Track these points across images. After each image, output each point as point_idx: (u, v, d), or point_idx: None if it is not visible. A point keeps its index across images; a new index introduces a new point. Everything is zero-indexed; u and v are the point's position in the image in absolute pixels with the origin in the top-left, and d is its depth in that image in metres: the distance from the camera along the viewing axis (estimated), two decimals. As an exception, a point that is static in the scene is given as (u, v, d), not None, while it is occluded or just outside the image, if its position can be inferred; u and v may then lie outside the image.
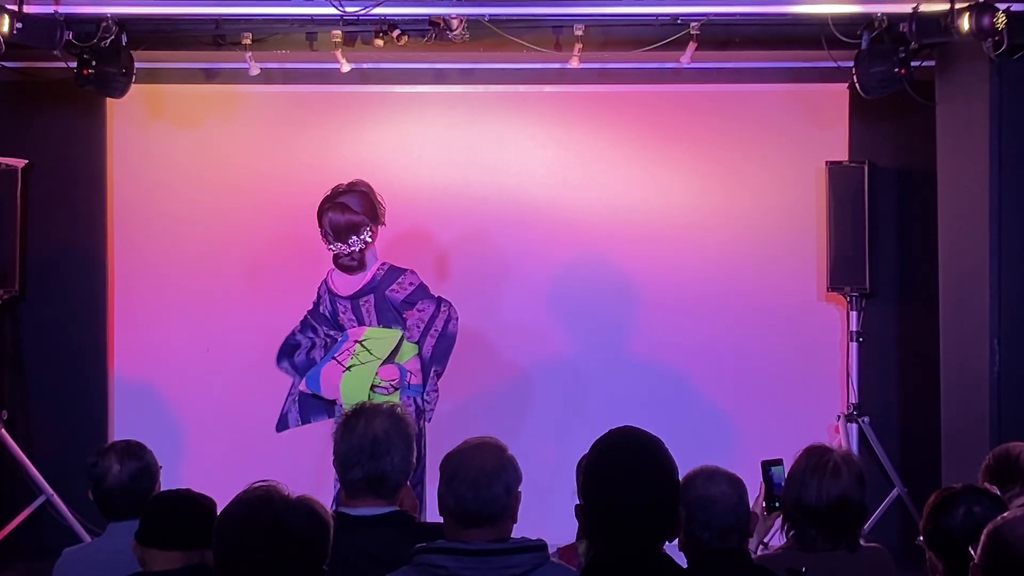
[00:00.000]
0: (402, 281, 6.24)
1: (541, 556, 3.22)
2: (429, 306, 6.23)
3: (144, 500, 4.05)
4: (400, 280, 6.24)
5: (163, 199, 7.79)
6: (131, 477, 4.08)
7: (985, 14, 5.80)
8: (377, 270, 6.25)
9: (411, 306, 6.22)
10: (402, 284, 6.23)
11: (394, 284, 6.23)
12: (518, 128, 7.85)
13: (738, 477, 3.69)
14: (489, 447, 3.31)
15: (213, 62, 7.49)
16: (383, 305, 6.23)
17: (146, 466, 4.13)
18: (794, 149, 7.77)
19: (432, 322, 6.22)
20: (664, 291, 7.77)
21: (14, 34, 5.99)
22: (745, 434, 7.48)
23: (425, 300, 6.24)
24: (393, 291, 6.22)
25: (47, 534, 7.26)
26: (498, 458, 3.27)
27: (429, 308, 6.23)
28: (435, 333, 6.22)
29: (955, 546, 3.27)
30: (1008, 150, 6.34)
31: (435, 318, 6.22)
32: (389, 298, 6.22)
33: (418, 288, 6.25)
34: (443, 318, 6.23)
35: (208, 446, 7.61)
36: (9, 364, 7.66)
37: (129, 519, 4.02)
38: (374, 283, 6.23)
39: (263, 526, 2.74)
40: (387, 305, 6.22)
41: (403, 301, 6.22)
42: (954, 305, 6.71)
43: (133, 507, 4.02)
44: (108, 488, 4.08)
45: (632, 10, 6.63)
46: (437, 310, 6.24)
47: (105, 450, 4.17)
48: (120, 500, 4.07)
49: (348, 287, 6.28)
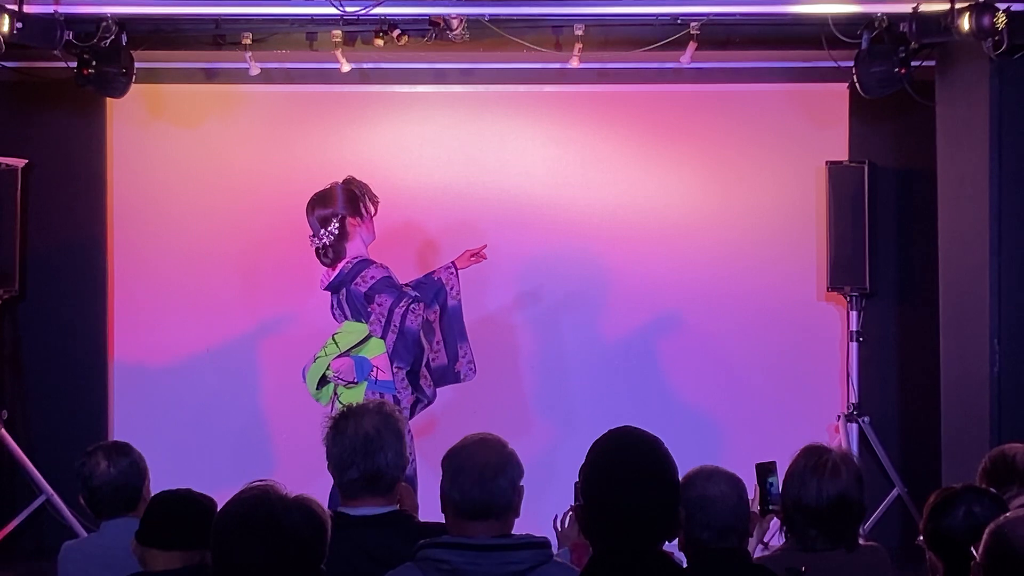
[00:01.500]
0: (365, 275, 6.17)
1: (544, 553, 3.24)
2: (387, 300, 6.12)
3: (134, 496, 4.11)
4: (364, 273, 6.17)
5: (163, 199, 7.79)
6: (120, 473, 4.13)
7: (985, 14, 5.79)
8: (345, 263, 6.21)
9: (372, 300, 6.16)
10: (364, 277, 6.17)
11: (357, 278, 6.18)
12: (518, 128, 7.85)
13: (738, 477, 3.69)
14: (491, 442, 3.34)
15: (213, 62, 7.49)
16: (349, 299, 6.21)
17: (134, 462, 4.18)
18: (794, 149, 7.77)
19: (391, 316, 6.12)
20: (664, 291, 7.77)
21: (14, 34, 5.99)
22: (745, 434, 7.47)
23: (383, 294, 6.13)
24: (357, 284, 6.18)
25: (47, 534, 7.26)
26: (501, 453, 3.31)
27: (387, 302, 6.12)
28: (395, 329, 6.13)
29: (955, 546, 3.27)
30: (1008, 150, 6.34)
31: (393, 312, 6.12)
32: (353, 292, 6.18)
33: (379, 281, 6.15)
34: (400, 312, 6.12)
35: (208, 446, 7.61)
36: (9, 364, 7.66)
37: (120, 516, 4.06)
38: (341, 276, 6.21)
39: (260, 526, 2.74)
40: (352, 299, 6.19)
41: (364, 295, 6.15)
42: (954, 305, 6.71)
43: (123, 503, 4.08)
44: (97, 486, 4.13)
45: (632, 10, 6.63)
46: (396, 304, 6.12)
47: (92, 451, 4.23)
48: (110, 497, 4.12)
49: (324, 281, 6.31)
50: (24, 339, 7.69)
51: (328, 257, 6.25)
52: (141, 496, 4.14)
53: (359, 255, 6.24)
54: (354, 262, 6.21)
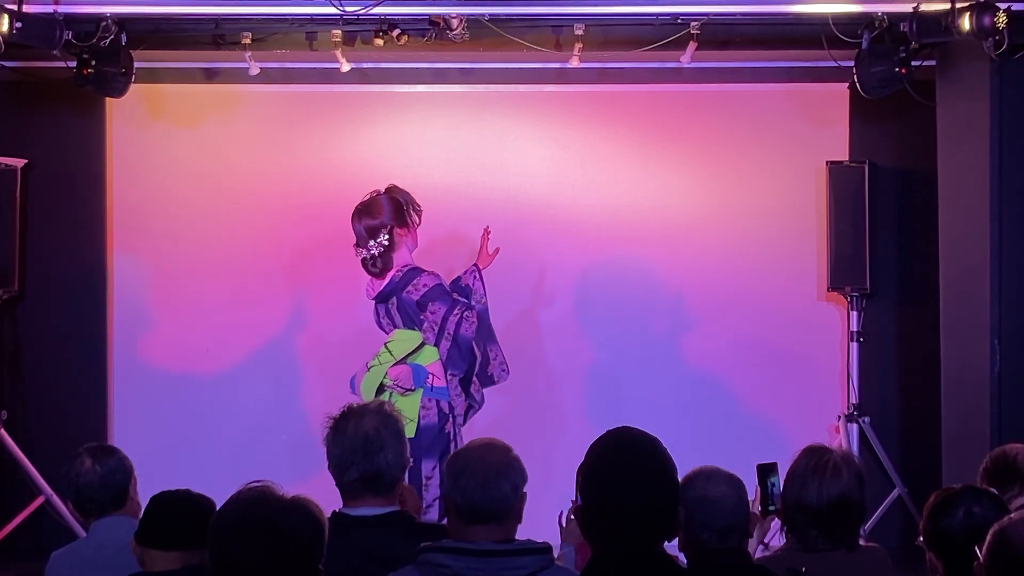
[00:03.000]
0: (417, 283, 6.25)
1: (546, 559, 3.22)
2: (441, 308, 6.23)
3: (120, 495, 4.13)
4: (415, 282, 6.25)
5: (163, 199, 7.79)
6: (106, 472, 4.17)
7: (986, 14, 5.79)
8: (396, 272, 6.28)
9: (424, 308, 6.23)
10: (416, 286, 6.25)
11: (409, 286, 6.25)
12: (518, 128, 7.85)
13: (738, 477, 3.69)
14: (495, 447, 3.32)
15: (213, 62, 7.49)
16: (402, 307, 6.27)
17: (119, 461, 4.23)
18: (794, 149, 7.77)
19: (444, 324, 6.23)
20: (664, 291, 7.77)
21: (14, 34, 5.99)
22: (745, 434, 7.47)
23: (437, 302, 6.23)
24: (408, 293, 6.25)
25: (47, 534, 7.25)
26: (505, 457, 3.29)
27: (441, 310, 6.23)
28: (449, 336, 6.23)
29: (955, 547, 3.27)
30: (1008, 150, 6.34)
31: (447, 320, 6.23)
32: (405, 300, 6.26)
33: (432, 289, 6.24)
34: (455, 320, 6.23)
35: (208, 446, 7.60)
36: (9, 364, 7.66)
37: (108, 515, 4.08)
38: (392, 285, 6.28)
39: (257, 527, 2.74)
40: (404, 307, 6.25)
41: (417, 303, 6.23)
42: (954, 305, 6.71)
43: (111, 502, 4.11)
44: (84, 485, 4.17)
45: (632, 10, 6.63)
46: (449, 312, 6.23)
47: (76, 454, 4.26)
48: (98, 496, 4.15)
49: (373, 290, 6.36)
50: (24, 339, 7.69)
51: (376, 268, 6.30)
52: (128, 495, 4.18)
53: (407, 263, 6.31)
54: (404, 271, 6.28)
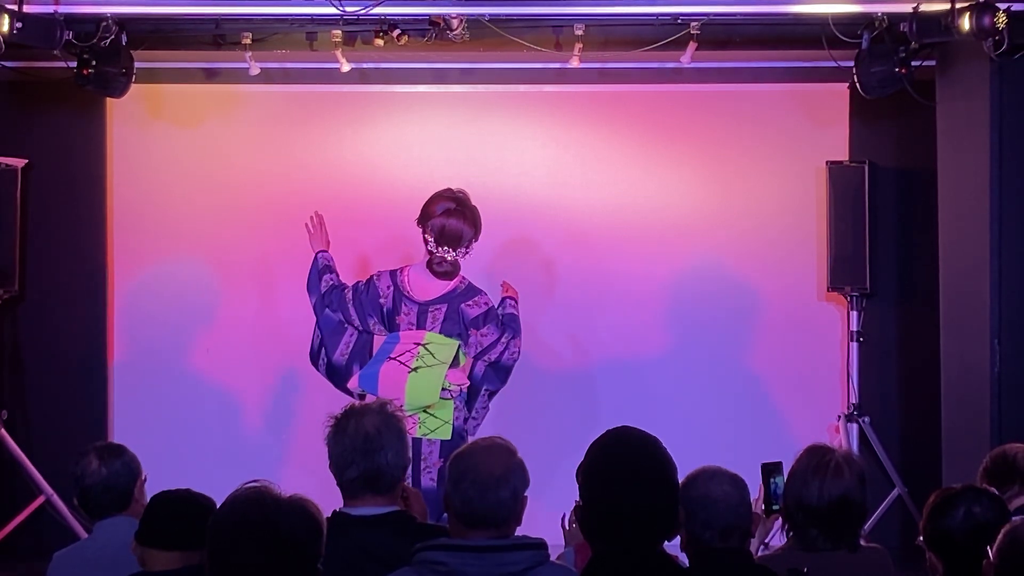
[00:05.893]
0: (478, 300, 6.30)
1: (540, 555, 3.22)
2: (492, 333, 6.29)
3: (126, 496, 4.12)
4: (476, 299, 6.30)
5: (163, 199, 7.79)
6: (112, 473, 4.15)
7: (985, 14, 5.80)
8: (459, 282, 6.31)
9: (477, 327, 6.27)
10: (477, 303, 6.29)
11: (470, 300, 6.29)
12: (518, 128, 7.85)
13: (740, 477, 3.69)
14: (499, 450, 3.29)
15: (213, 62, 7.49)
16: (453, 317, 6.26)
17: (126, 463, 4.20)
18: (794, 149, 7.77)
19: (489, 350, 6.29)
20: (664, 291, 7.77)
21: (14, 34, 6.00)
22: (746, 434, 7.47)
23: (490, 325, 6.29)
24: (468, 307, 6.28)
25: (47, 534, 7.25)
26: (507, 462, 3.26)
27: (491, 335, 6.29)
28: (488, 359, 6.31)
29: (955, 546, 3.27)
30: (1008, 150, 6.35)
31: (493, 347, 6.29)
32: (463, 312, 6.27)
33: (489, 311, 6.31)
34: (499, 350, 6.29)
35: (208, 446, 7.60)
36: (9, 364, 7.65)
37: (113, 515, 4.07)
38: (453, 294, 6.28)
39: (256, 527, 2.74)
40: (457, 318, 6.26)
41: (473, 319, 6.27)
42: (954, 305, 6.71)
43: (115, 503, 4.10)
44: (90, 485, 4.16)
45: (632, 10, 6.64)
46: (497, 341, 6.30)
47: (84, 452, 4.24)
48: (103, 496, 4.14)
49: (425, 293, 6.31)
50: (24, 339, 7.69)
51: (446, 272, 6.29)
52: (132, 496, 4.16)
53: (464, 276, 6.35)
54: (466, 284, 6.33)
